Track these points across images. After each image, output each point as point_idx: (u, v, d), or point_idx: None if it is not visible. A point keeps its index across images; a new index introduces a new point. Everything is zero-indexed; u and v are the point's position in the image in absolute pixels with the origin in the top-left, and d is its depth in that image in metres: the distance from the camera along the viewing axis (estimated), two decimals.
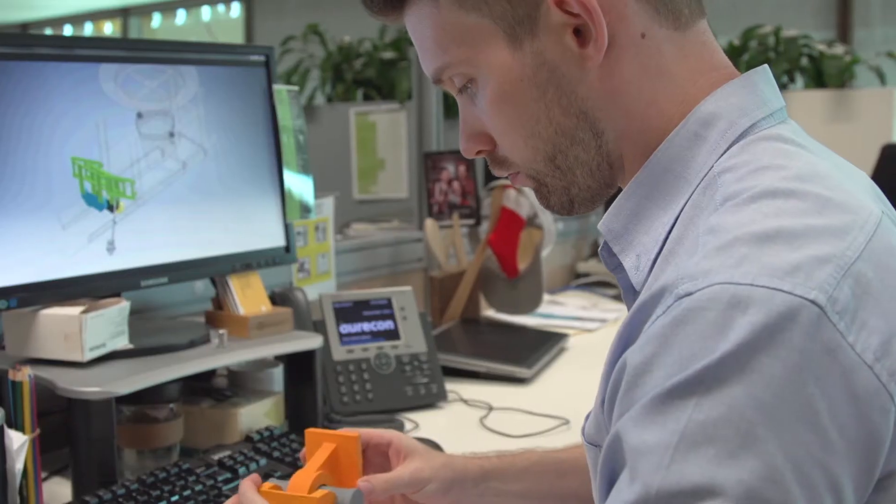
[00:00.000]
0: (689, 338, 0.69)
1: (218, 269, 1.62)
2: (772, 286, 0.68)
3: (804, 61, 4.18)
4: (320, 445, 1.13)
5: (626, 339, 0.78)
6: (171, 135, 1.54)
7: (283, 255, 1.73)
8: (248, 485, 1.04)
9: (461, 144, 0.95)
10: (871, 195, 0.82)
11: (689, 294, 0.71)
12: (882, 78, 4.22)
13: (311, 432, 1.14)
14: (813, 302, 0.68)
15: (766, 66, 0.89)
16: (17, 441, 1.22)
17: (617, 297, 3.09)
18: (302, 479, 1.06)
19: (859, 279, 0.70)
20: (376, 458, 1.18)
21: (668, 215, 0.84)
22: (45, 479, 1.42)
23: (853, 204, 0.76)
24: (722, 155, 0.83)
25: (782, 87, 4.12)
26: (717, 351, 0.67)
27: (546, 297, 2.81)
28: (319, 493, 1.05)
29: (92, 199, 1.43)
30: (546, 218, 2.54)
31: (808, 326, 0.67)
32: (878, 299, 0.71)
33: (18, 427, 1.25)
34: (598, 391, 0.84)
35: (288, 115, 1.72)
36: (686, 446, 0.67)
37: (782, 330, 0.67)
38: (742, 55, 4.15)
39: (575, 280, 3.42)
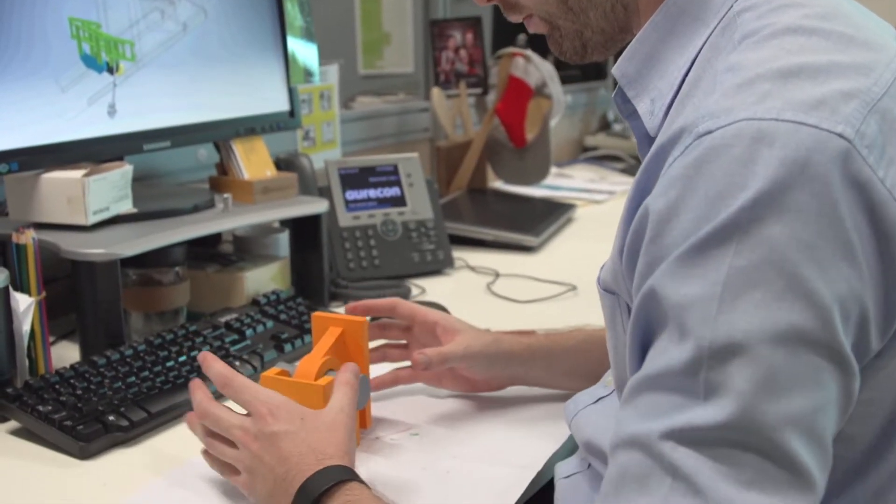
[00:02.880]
0: (713, 176, 0.67)
1: (221, 134, 1.60)
2: (797, 120, 0.66)
3: None
4: (327, 329, 1.12)
5: (643, 185, 0.75)
6: None
7: (287, 120, 1.70)
8: (201, 392, 1.02)
9: None
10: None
11: (710, 132, 0.68)
12: None
13: (317, 316, 1.14)
14: (840, 135, 0.65)
15: None
16: (24, 303, 1.22)
17: (625, 171, 3.08)
18: (309, 366, 1.06)
19: (885, 115, 0.68)
20: (424, 336, 1.21)
21: (683, 58, 0.81)
22: (53, 343, 1.42)
23: (878, 42, 0.74)
24: None
25: None
26: (749, 189, 0.65)
27: (554, 170, 2.80)
28: (325, 379, 1.05)
29: (91, 61, 1.40)
30: (555, 87, 2.50)
31: (837, 160, 0.65)
32: None
33: (24, 289, 1.24)
34: (615, 240, 0.82)
35: None
36: (731, 295, 0.65)
37: (812, 164, 0.65)
38: None
39: (583, 154, 3.40)
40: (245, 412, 0.99)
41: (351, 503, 0.86)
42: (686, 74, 0.80)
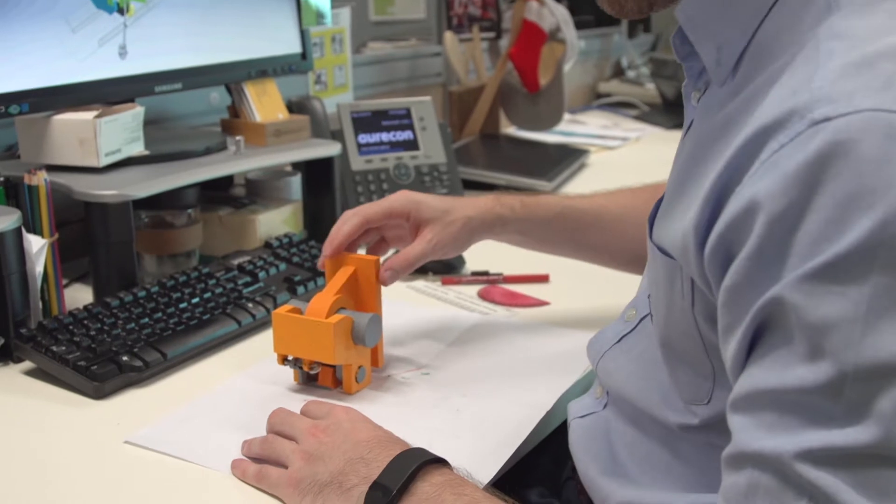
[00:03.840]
0: (841, 176, 0.60)
1: (233, 76, 1.59)
2: None
3: None
4: (339, 268, 1.13)
5: (736, 163, 0.67)
6: None
7: (299, 62, 1.69)
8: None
9: None
10: None
11: (828, 119, 0.61)
12: None
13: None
14: None
15: None
16: (37, 244, 1.22)
17: (639, 118, 3.05)
18: (320, 304, 1.07)
19: None
20: (397, 231, 1.22)
21: (759, 2, 0.74)
22: (66, 285, 1.42)
23: None
24: None
25: None
26: (886, 196, 0.58)
27: (567, 116, 2.78)
28: (336, 317, 1.06)
29: (101, 2, 1.38)
30: (569, 32, 2.48)
31: None
32: None
33: (37, 231, 1.24)
34: (685, 210, 0.75)
35: None
36: (876, 315, 0.59)
37: None
38: None
39: (596, 100, 3.38)
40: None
41: (452, 482, 0.83)
42: (762, 22, 0.74)
